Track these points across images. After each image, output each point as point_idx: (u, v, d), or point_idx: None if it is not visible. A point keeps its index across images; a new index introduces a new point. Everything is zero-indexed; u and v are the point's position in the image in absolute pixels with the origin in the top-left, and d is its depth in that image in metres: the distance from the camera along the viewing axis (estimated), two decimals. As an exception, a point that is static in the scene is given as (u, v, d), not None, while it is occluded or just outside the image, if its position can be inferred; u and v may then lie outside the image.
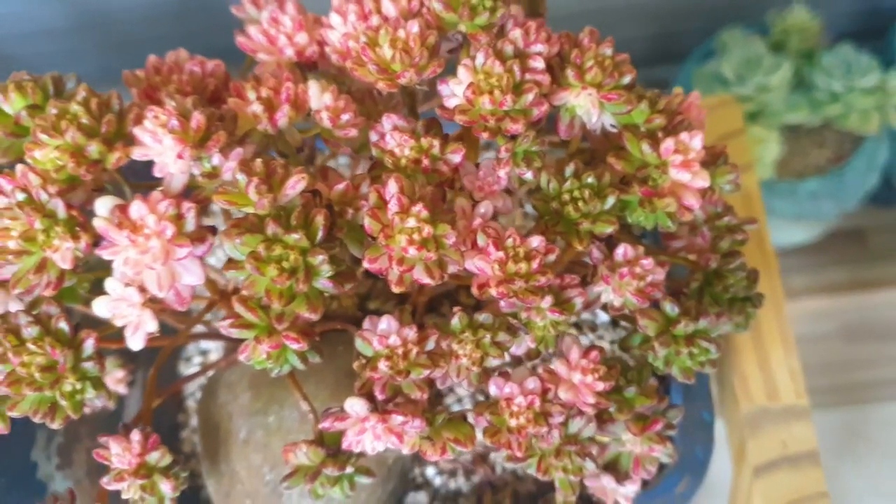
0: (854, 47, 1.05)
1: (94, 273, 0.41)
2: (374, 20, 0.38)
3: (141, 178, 0.39)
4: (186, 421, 0.54)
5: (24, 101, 0.40)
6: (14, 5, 1.16)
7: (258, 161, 0.35)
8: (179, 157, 0.36)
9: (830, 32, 1.10)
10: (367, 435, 0.36)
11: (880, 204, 1.21)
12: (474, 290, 0.37)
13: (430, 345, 0.37)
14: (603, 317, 0.54)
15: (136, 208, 0.35)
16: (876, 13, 1.18)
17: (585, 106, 0.39)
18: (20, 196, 0.37)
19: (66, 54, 1.24)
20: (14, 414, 0.37)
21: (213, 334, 0.52)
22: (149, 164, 0.38)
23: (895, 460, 1.37)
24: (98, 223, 0.35)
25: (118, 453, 0.39)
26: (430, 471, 0.50)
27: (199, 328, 0.52)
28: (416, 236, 0.34)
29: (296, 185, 0.35)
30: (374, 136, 0.38)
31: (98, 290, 0.40)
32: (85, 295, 0.42)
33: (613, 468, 0.42)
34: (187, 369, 0.56)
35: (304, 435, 0.44)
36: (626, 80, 0.39)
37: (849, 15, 1.19)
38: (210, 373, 0.52)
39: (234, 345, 0.54)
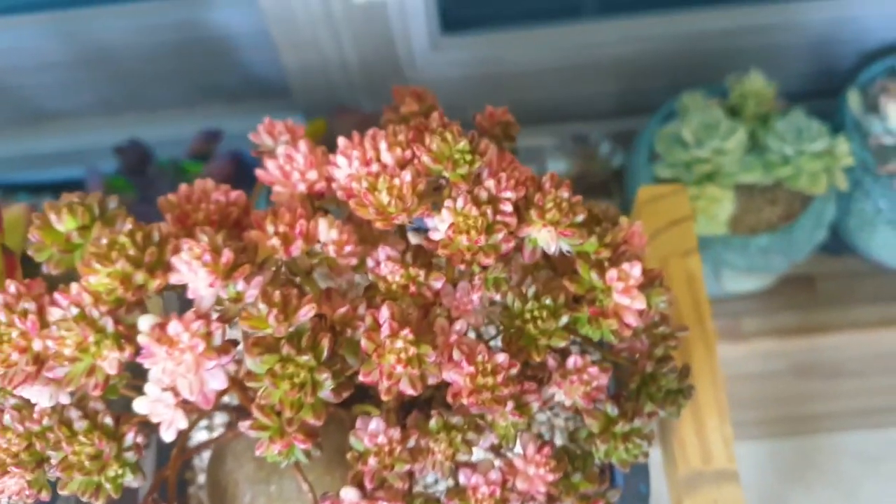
0: (805, 112, 1.14)
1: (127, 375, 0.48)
2: (374, 167, 0.46)
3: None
4: (193, 478, 0.62)
5: (74, 222, 0.47)
6: (18, 40, 1.22)
7: (276, 293, 0.42)
8: (211, 285, 0.43)
9: (785, 92, 1.19)
10: (359, 517, 0.44)
11: (830, 252, 1.29)
12: (449, 399, 0.45)
13: (411, 443, 0.45)
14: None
15: (173, 326, 0.43)
16: (829, 75, 1.27)
17: (545, 239, 0.48)
18: (74, 311, 0.44)
19: (67, 87, 1.30)
20: (64, 492, 0.45)
21: (222, 408, 0.59)
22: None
23: (841, 487, 1.46)
24: (141, 339, 0.43)
25: (148, 524, 0.47)
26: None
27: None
28: (402, 355, 0.42)
29: (307, 313, 0.42)
30: (370, 263, 0.47)
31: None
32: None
33: (562, 540, 0.50)
34: (194, 433, 0.63)
35: (301, 503, 0.51)
36: (580, 218, 0.47)
37: (803, 76, 1.28)
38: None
39: (238, 418, 0.62)
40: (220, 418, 0.63)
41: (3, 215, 0.58)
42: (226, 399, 0.62)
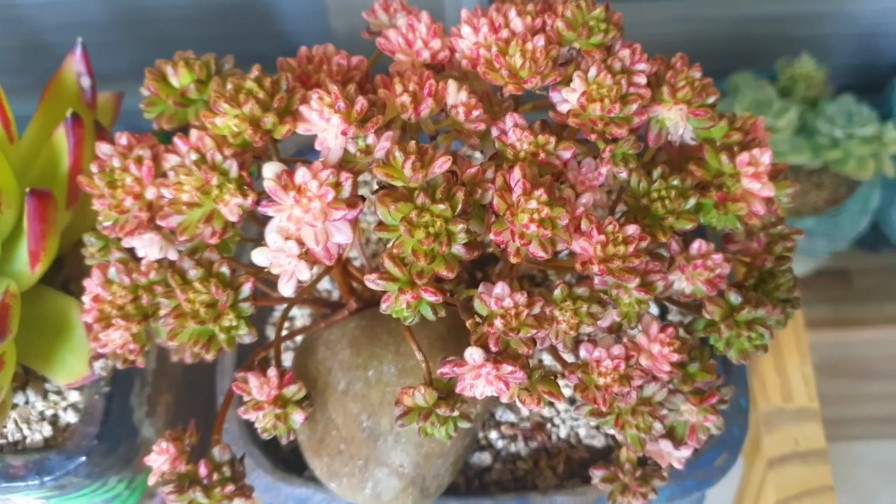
0: (855, 99, 1.14)
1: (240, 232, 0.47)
2: (505, 33, 0.45)
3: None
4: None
5: (191, 76, 0.46)
6: (57, -5, 1.20)
7: (412, 143, 0.41)
8: (343, 133, 0.42)
9: (832, 84, 1.19)
10: (481, 380, 0.43)
11: (867, 248, 1.29)
12: (578, 267, 0.43)
13: (536, 309, 0.43)
14: (651, 309, 0.61)
15: (301, 174, 0.41)
16: (874, 69, 1.26)
17: (674, 119, 0.46)
18: (193, 156, 0.43)
19: (102, 47, 1.28)
20: (173, 343, 0.43)
21: (311, 301, 0.58)
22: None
23: (858, 497, 1.44)
24: (268, 184, 0.41)
25: (257, 386, 0.45)
26: (494, 434, 0.56)
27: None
28: (536, 216, 0.41)
29: (442, 164, 0.41)
30: (495, 132, 0.45)
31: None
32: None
33: (671, 434, 0.49)
34: (273, 331, 0.62)
35: (401, 388, 0.50)
36: (711, 100, 0.46)
37: (849, 68, 1.27)
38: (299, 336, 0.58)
39: (321, 310, 0.60)
40: (301, 320, 0.62)
41: (97, 96, 0.57)
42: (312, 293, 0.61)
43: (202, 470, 0.46)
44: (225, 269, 0.43)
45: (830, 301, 1.30)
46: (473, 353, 0.42)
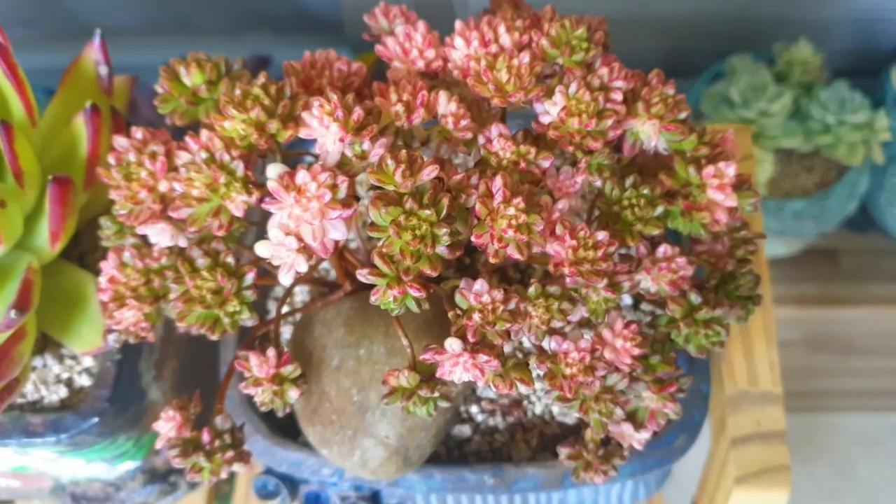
0: (849, 85, 1.17)
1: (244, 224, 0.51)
2: (493, 48, 0.49)
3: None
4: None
5: (202, 77, 0.50)
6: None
7: (403, 152, 0.45)
8: (341, 140, 0.46)
9: (829, 68, 1.21)
10: (459, 367, 0.47)
11: (855, 229, 1.32)
12: (551, 268, 0.47)
13: (512, 305, 0.47)
14: (626, 300, 0.65)
15: (302, 176, 0.45)
16: (871, 54, 1.28)
17: (648, 132, 0.50)
18: (203, 155, 0.47)
19: (115, 4, 1.31)
20: (182, 325, 0.48)
21: (309, 280, 0.62)
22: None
23: (838, 465, 1.49)
24: (271, 184, 0.45)
25: (257, 364, 0.50)
26: (474, 409, 0.61)
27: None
28: (513, 222, 0.45)
29: (430, 173, 0.45)
30: (481, 139, 0.49)
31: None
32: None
33: (633, 418, 0.53)
34: (274, 306, 0.66)
35: (389, 366, 0.54)
36: (682, 115, 0.50)
37: (846, 53, 1.29)
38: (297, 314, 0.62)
39: (320, 290, 0.64)
40: (301, 296, 0.66)
41: (114, 80, 0.60)
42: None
43: (205, 437, 0.51)
44: (230, 260, 0.48)
45: (818, 279, 1.33)
46: (452, 343, 0.47)
